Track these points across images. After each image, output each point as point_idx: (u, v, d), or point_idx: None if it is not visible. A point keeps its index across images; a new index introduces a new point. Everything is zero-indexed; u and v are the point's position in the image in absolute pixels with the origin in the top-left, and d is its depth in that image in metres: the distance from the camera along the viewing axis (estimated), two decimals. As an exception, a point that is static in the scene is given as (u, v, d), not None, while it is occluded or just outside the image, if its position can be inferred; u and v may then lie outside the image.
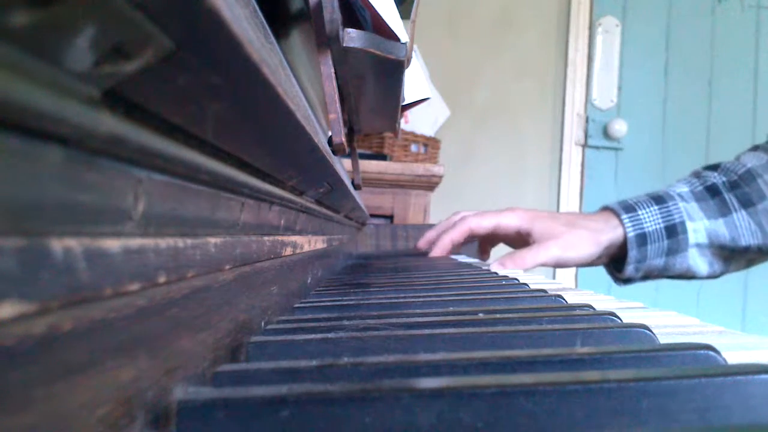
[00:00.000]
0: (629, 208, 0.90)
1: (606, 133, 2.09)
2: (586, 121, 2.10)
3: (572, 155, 2.10)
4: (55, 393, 0.12)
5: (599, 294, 0.49)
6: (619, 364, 0.21)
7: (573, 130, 2.10)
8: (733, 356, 0.22)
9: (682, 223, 0.87)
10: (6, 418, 0.10)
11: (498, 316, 0.32)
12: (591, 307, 0.34)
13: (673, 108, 2.13)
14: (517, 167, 2.10)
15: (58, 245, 0.12)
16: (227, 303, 0.25)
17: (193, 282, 0.20)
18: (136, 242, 0.15)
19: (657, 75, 2.13)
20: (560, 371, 0.21)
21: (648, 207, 0.89)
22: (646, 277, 0.94)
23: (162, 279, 0.17)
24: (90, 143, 0.13)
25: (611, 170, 2.12)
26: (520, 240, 0.93)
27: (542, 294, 0.41)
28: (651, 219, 0.88)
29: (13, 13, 0.09)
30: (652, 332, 0.27)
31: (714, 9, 2.13)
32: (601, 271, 1.00)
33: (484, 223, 0.93)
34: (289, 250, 0.41)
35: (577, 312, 0.32)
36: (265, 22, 0.25)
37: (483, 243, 1.02)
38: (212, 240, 0.23)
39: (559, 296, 0.39)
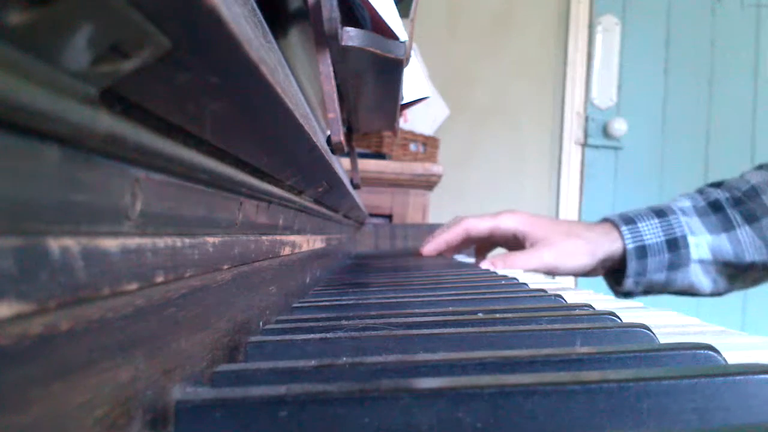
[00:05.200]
0: (629, 220, 0.89)
1: (605, 132, 2.09)
2: (586, 120, 2.10)
3: (572, 154, 2.10)
4: (53, 393, 0.12)
5: (599, 294, 0.49)
6: (619, 364, 0.21)
7: (572, 129, 2.10)
8: (733, 356, 0.22)
9: (684, 237, 0.86)
10: (3, 418, 0.10)
11: (497, 315, 0.32)
12: (591, 306, 0.34)
13: (673, 107, 2.13)
14: (516, 166, 2.10)
15: (55, 245, 0.12)
16: (225, 303, 0.25)
17: (191, 282, 0.20)
18: (133, 242, 0.15)
19: (657, 74, 2.13)
20: (560, 371, 0.21)
21: (649, 220, 0.88)
22: (647, 291, 0.92)
23: (160, 279, 0.17)
24: (87, 142, 0.13)
25: (611, 169, 2.12)
26: (516, 244, 0.92)
27: (542, 293, 0.41)
28: (651, 232, 0.87)
29: (10, 12, 0.09)
30: (652, 332, 0.26)
31: (714, 8, 2.13)
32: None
33: (480, 226, 0.92)
34: (287, 250, 0.40)
35: (577, 312, 0.32)
36: (263, 20, 0.25)
37: (480, 247, 1.01)
38: (210, 239, 0.23)
39: (559, 296, 0.39)
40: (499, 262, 0.85)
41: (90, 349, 0.13)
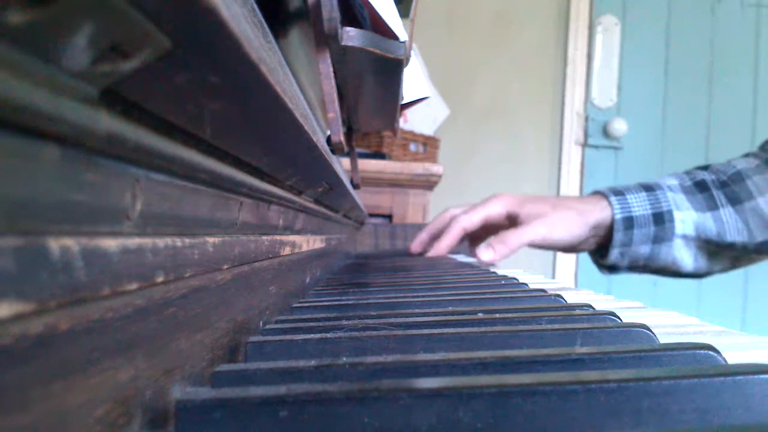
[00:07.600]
0: (618, 192, 0.92)
1: (605, 132, 2.09)
2: (586, 120, 2.10)
3: (572, 154, 2.10)
4: (53, 393, 0.12)
5: (599, 293, 0.49)
6: (618, 364, 0.21)
7: (572, 129, 2.10)
8: (733, 356, 0.22)
9: (670, 211, 0.89)
10: (4, 418, 0.10)
11: (497, 315, 0.32)
12: (591, 306, 0.34)
13: (673, 107, 2.13)
14: (516, 166, 2.10)
15: (55, 245, 0.12)
16: (225, 303, 0.25)
17: (191, 282, 0.20)
18: (133, 242, 0.15)
19: (657, 74, 2.13)
20: (560, 371, 0.21)
21: (637, 193, 0.91)
22: (632, 267, 0.95)
23: (160, 279, 0.17)
24: (87, 142, 0.13)
25: (611, 169, 2.12)
26: (512, 226, 0.94)
27: (541, 293, 0.41)
28: (639, 204, 0.90)
29: (10, 12, 0.09)
30: (651, 332, 0.26)
31: (714, 7, 2.12)
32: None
33: (474, 219, 0.94)
34: (287, 250, 0.40)
35: (577, 312, 0.32)
36: (263, 20, 0.25)
37: (473, 238, 1.02)
38: (210, 239, 0.23)
39: (559, 296, 0.39)
40: (495, 243, 0.87)
41: (90, 348, 0.13)
